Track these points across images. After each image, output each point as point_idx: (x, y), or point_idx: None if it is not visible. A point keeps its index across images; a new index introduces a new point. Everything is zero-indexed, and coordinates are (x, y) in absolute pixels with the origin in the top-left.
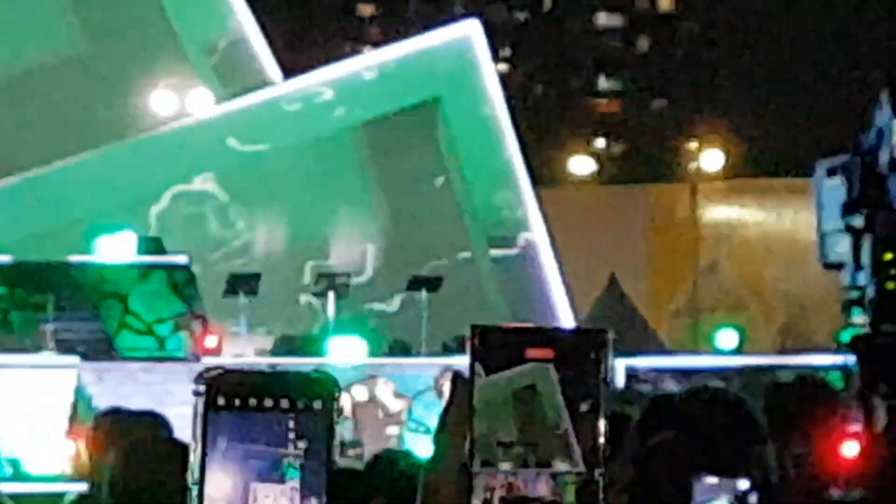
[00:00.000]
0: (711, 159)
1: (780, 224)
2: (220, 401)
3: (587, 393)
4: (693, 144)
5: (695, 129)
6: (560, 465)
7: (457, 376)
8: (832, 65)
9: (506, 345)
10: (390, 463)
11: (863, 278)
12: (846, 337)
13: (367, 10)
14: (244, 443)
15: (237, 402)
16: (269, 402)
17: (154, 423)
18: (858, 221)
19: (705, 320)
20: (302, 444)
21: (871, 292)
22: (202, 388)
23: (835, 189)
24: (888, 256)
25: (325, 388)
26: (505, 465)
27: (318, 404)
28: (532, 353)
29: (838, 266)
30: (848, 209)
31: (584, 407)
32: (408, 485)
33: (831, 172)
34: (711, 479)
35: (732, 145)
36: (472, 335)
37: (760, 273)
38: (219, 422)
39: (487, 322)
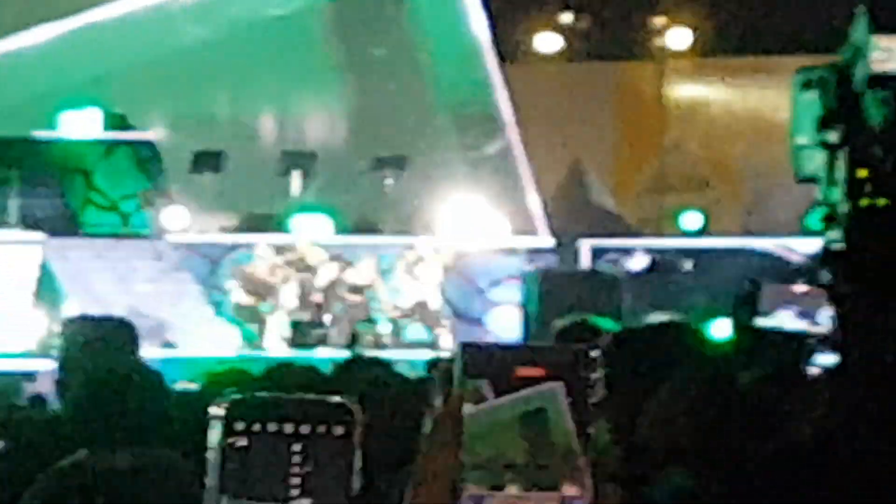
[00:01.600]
0: (678, 36)
1: (746, 104)
2: (238, 426)
3: (587, 413)
4: (661, 21)
5: (663, 6)
6: (569, 489)
7: (448, 392)
8: None
9: (495, 364)
10: (358, 370)
11: (836, 194)
12: (813, 221)
13: None
14: (261, 468)
15: (255, 426)
16: (288, 428)
17: (123, 336)
18: (833, 137)
19: (670, 200)
20: (318, 478)
21: (844, 208)
22: (221, 412)
23: (810, 103)
24: (862, 173)
25: (345, 414)
26: (513, 489)
27: (338, 430)
28: (523, 371)
29: (811, 180)
30: (823, 124)
31: (590, 429)
32: (374, 393)
33: (806, 85)
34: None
35: (700, 23)
36: (460, 353)
37: (726, 152)
38: (236, 447)
39: (452, 200)
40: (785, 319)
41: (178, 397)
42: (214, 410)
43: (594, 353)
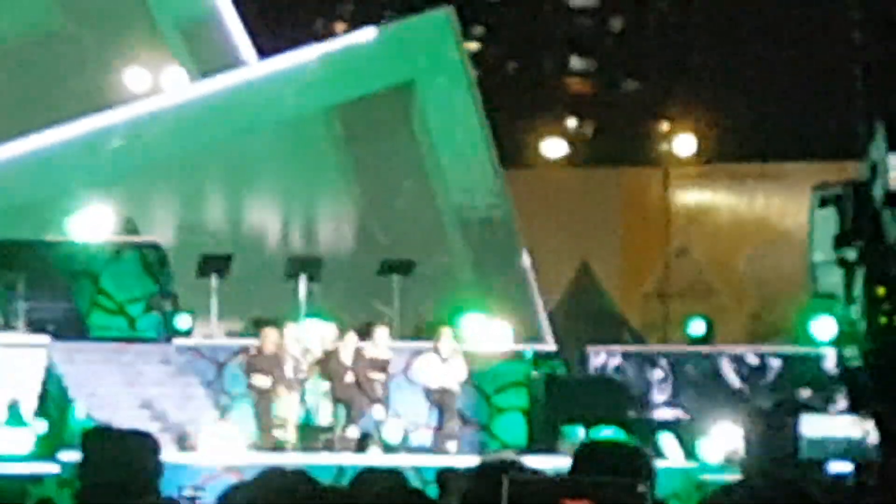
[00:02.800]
0: (684, 143)
1: (752, 210)
2: None
3: None
4: (665, 127)
5: (667, 112)
6: None
7: None
8: (806, 51)
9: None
10: (374, 483)
11: (854, 311)
12: (819, 330)
13: None
14: None
15: None
16: None
17: (145, 451)
18: (851, 254)
19: (676, 305)
20: None
21: (862, 326)
22: None
23: (827, 220)
24: (881, 291)
25: None
26: None
27: None
28: None
29: (829, 296)
30: (840, 241)
31: None
32: None
33: (824, 202)
34: None
35: (705, 129)
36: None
37: (731, 258)
38: None
39: (459, 304)
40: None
41: None
42: None
43: (641, 489)
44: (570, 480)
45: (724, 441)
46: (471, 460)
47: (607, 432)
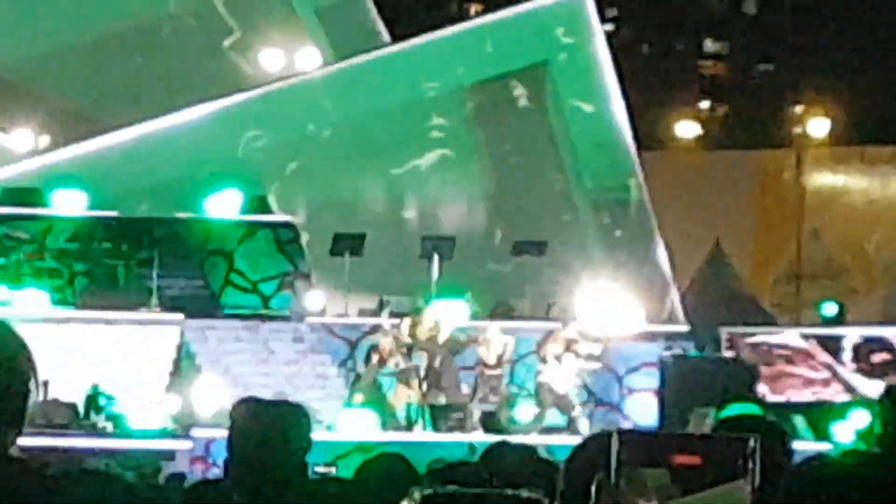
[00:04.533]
0: (817, 125)
1: (885, 192)
2: None
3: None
4: (799, 109)
5: (801, 95)
6: None
7: (601, 483)
8: None
9: (650, 450)
10: (504, 455)
11: None
12: None
13: None
14: None
15: None
16: None
17: (296, 423)
18: None
19: (807, 287)
20: None
21: None
22: None
23: None
24: None
25: None
26: None
27: None
28: (677, 459)
29: None
30: None
31: None
32: (520, 478)
33: None
34: None
35: (838, 112)
36: (616, 440)
37: (864, 241)
38: None
39: (590, 286)
40: None
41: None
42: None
43: (751, 444)
44: (680, 436)
45: (859, 422)
46: None
47: (741, 409)
